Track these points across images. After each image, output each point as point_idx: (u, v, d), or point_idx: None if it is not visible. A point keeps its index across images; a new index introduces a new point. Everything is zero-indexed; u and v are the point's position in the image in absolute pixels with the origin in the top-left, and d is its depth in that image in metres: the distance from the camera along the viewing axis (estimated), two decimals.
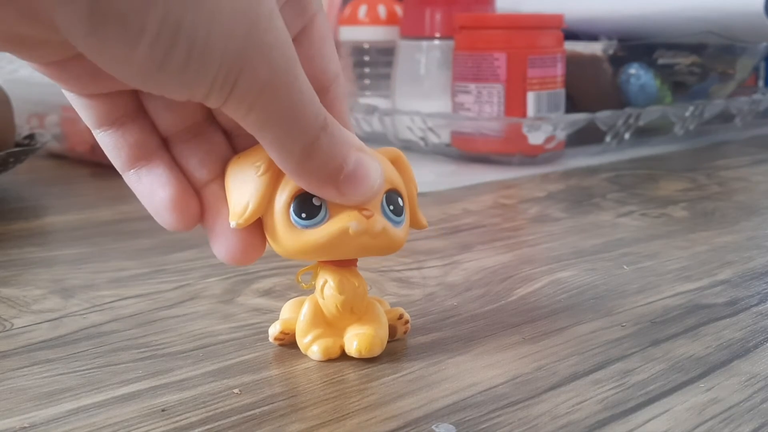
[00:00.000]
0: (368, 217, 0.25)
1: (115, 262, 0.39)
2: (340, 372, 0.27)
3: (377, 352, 0.27)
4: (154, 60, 0.20)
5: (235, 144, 0.27)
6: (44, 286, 0.36)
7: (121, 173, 0.26)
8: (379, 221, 0.26)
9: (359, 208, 0.25)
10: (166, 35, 0.20)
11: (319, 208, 0.25)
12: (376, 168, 0.25)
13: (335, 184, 0.24)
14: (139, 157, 0.26)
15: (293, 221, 0.26)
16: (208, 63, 0.20)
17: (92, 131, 0.26)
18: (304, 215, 0.25)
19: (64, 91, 0.25)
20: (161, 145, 0.26)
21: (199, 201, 0.27)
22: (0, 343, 0.29)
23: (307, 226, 0.25)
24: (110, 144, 0.26)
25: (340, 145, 0.24)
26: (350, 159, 0.24)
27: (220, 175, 0.27)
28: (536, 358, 0.28)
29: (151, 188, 0.26)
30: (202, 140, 0.27)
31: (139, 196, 0.26)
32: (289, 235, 0.26)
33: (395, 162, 0.27)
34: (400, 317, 0.29)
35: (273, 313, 0.32)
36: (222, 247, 0.26)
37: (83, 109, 0.25)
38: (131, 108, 0.26)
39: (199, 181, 0.27)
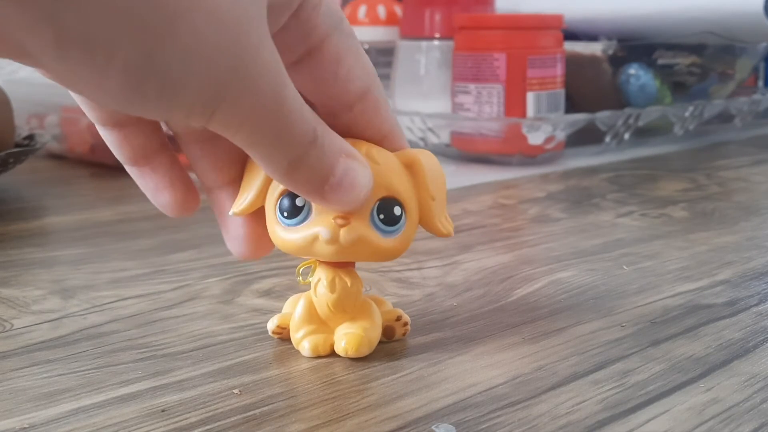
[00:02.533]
0: (342, 226, 0.25)
1: (115, 262, 0.39)
2: (340, 372, 0.27)
3: (365, 352, 0.27)
4: (126, 89, 0.20)
5: None
6: (44, 286, 0.36)
7: (122, 164, 0.27)
8: (355, 230, 0.25)
9: (337, 214, 0.25)
10: (136, 65, 0.19)
11: (301, 209, 0.26)
12: (364, 176, 0.25)
13: (320, 193, 0.24)
14: (141, 157, 0.26)
15: (278, 218, 0.26)
16: (182, 95, 0.20)
17: (95, 125, 0.26)
18: (285, 214, 0.26)
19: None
20: (163, 146, 0.27)
21: (212, 201, 0.28)
22: (0, 344, 0.29)
23: (288, 225, 0.26)
24: (111, 142, 0.26)
25: (329, 156, 0.24)
26: (337, 169, 0.24)
27: (234, 179, 0.27)
28: (536, 358, 0.28)
29: (155, 187, 0.27)
30: (216, 143, 0.27)
31: (141, 188, 0.27)
32: (275, 230, 0.27)
33: (409, 167, 0.27)
34: (398, 318, 0.29)
35: (273, 314, 0.32)
36: (233, 245, 0.28)
37: (86, 108, 0.25)
38: None
39: (212, 184, 0.28)
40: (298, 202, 0.26)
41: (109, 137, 0.26)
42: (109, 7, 0.18)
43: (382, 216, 0.26)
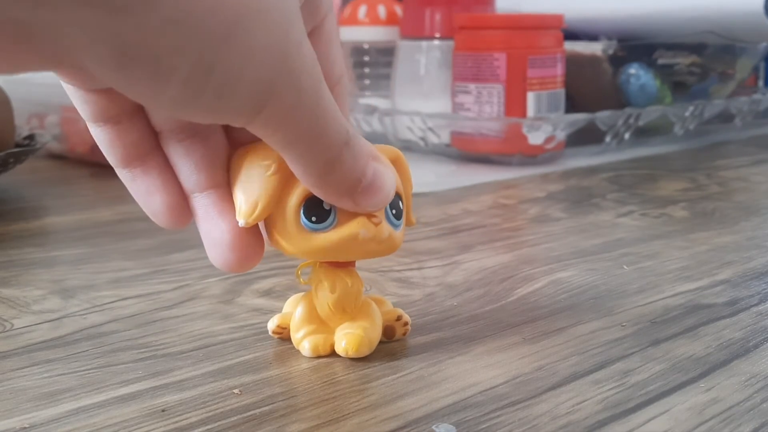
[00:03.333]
0: (377, 224, 0.26)
1: (115, 262, 0.39)
2: (340, 372, 0.27)
3: (365, 352, 0.27)
4: (185, 96, 0.20)
5: (237, 135, 0.27)
6: (44, 286, 0.36)
7: (114, 168, 0.26)
8: (386, 228, 0.26)
9: (368, 215, 0.25)
10: (198, 76, 0.19)
11: (329, 212, 0.26)
12: (390, 177, 0.25)
13: (352, 196, 0.25)
14: (134, 157, 0.26)
15: (303, 224, 0.26)
16: (238, 96, 0.20)
17: (87, 124, 0.26)
18: (314, 219, 0.26)
19: (62, 83, 0.24)
20: (157, 145, 0.26)
21: (193, 206, 0.26)
22: (0, 344, 0.29)
23: (316, 230, 0.26)
24: (105, 140, 0.26)
25: (360, 157, 0.24)
26: (368, 171, 0.24)
27: (215, 182, 0.26)
28: (536, 358, 0.28)
29: (147, 191, 0.26)
30: (198, 141, 0.26)
31: (132, 194, 0.27)
32: (297, 236, 0.26)
33: (395, 162, 0.27)
34: (399, 318, 0.29)
35: (273, 314, 0.31)
36: (217, 253, 0.26)
37: (80, 103, 0.25)
38: (129, 105, 0.25)
39: (192, 187, 0.26)
40: (325, 205, 0.25)
41: (101, 135, 0.26)
42: (171, 21, 0.18)
43: (394, 211, 0.27)
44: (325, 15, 0.26)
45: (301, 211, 0.26)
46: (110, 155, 0.26)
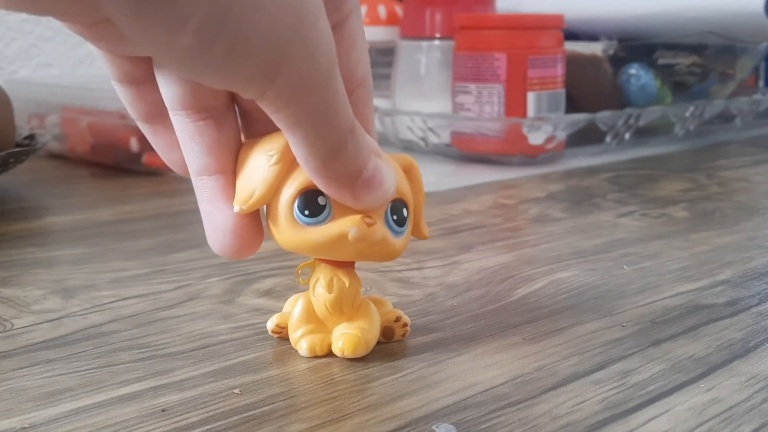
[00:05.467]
0: (370, 225, 0.25)
1: (115, 262, 0.39)
2: (340, 372, 0.27)
3: (361, 353, 0.27)
4: (196, 48, 0.20)
5: (253, 127, 0.27)
6: (44, 286, 0.36)
7: (136, 121, 0.27)
8: (380, 230, 0.26)
9: (363, 214, 0.25)
10: (211, 24, 0.19)
11: (324, 207, 0.25)
12: (391, 175, 0.25)
13: (352, 188, 0.24)
14: (155, 114, 0.26)
15: (296, 216, 0.26)
16: (250, 55, 0.20)
17: (112, 83, 0.26)
18: (307, 212, 0.25)
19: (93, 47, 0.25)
20: None
21: (198, 188, 0.27)
22: (0, 344, 0.29)
23: (308, 224, 0.26)
24: (127, 98, 0.26)
25: (363, 149, 0.24)
26: (370, 164, 0.24)
27: (224, 167, 0.26)
28: (536, 358, 0.28)
29: (168, 145, 0.27)
30: (211, 124, 0.26)
31: (153, 146, 0.28)
32: (289, 229, 0.26)
33: (407, 171, 0.27)
34: (398, 319, 0.29)
35: (273, 314, 0.32)
36: (217, 238, 0.26)
37: (107, 63, 0.25)
38: (152, 69, 0.26)
39: (200, 169, 0.26)
40: (320, 200, 0.25)
41: (124, 93, 0.26)
42: None
43: (395, 217, 0.26)
44: (350, 13, 0.26)
45: (296, 204, 0.26)
46: (132, 111, 0.27)
